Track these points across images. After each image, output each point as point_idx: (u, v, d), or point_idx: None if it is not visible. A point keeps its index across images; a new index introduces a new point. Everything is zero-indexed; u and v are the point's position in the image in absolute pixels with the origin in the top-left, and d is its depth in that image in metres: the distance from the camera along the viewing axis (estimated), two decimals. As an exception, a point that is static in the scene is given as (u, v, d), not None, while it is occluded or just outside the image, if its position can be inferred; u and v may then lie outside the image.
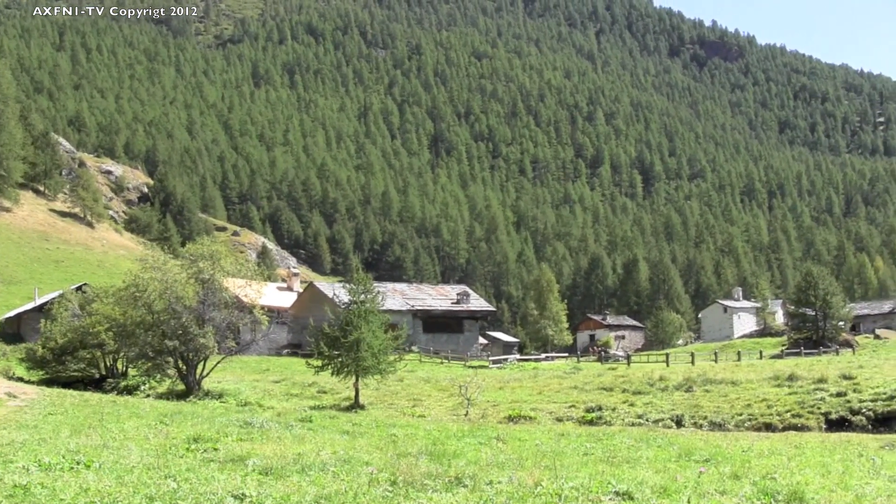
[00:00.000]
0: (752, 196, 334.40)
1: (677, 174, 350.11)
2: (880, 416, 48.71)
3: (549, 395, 58.00)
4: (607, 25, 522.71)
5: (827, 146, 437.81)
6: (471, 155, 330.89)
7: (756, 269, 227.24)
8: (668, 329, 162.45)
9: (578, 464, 20.12)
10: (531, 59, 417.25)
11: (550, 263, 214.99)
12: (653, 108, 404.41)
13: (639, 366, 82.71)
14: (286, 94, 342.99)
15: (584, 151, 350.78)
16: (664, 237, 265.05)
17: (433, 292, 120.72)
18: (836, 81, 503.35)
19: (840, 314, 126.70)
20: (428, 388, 61.15)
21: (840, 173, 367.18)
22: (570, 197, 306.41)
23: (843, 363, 72.21)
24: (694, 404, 52.91)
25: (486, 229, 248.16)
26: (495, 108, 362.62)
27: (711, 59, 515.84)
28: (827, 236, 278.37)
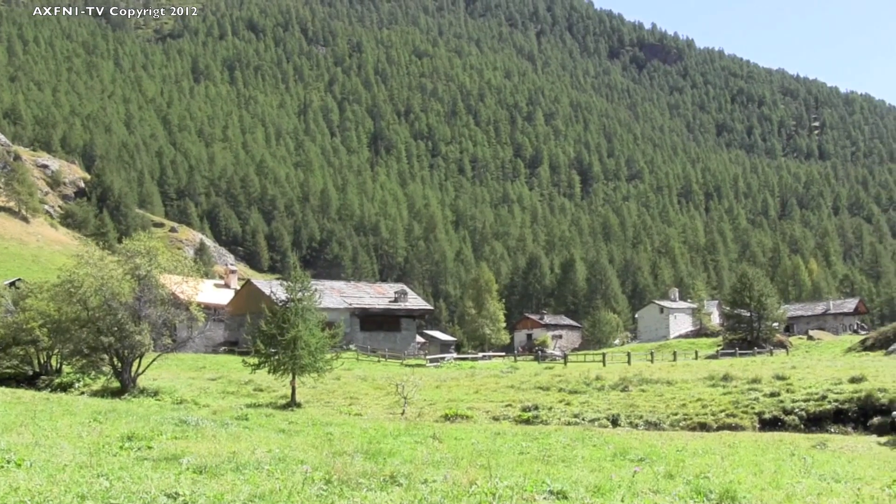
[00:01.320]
0: (690, 198, 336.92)
1: (615, 175, 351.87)
2: (812, 415, 49.25)
3: (486, 394, 58.07)
4: (548, 26, 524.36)
5: (763, 149, 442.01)
6: (410, 153, 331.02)
7: (692, 270, 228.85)
8: (605, 329, 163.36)
9: (514, 463, 20.19)
10: (472, 59, 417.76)
11: (489, 262, 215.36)
12: (592, 109, 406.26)
13: (575, 365, 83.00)
14: (226, 89, 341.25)
15: (523, 151, 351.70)
16: (602, 237, 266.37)
17: (371, 290, 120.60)
18: (772, 86, 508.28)
19: (774, 315, 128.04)
20: (365, 387, 61.04)
21: (776, 176, 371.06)
22: (508, 196, 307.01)
23: (777, 364, 72.83)
24: (630, 404, 53.19)
25: (424, 228, 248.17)
26: (435, 107, 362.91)
27: (651, 62, 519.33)
28: (762, 238, 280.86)
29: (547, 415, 50.53)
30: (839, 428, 47.30)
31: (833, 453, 31.26)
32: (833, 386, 53.15)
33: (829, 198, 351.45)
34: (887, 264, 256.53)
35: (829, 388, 52.82)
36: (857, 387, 52.10)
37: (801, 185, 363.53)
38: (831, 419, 48.85)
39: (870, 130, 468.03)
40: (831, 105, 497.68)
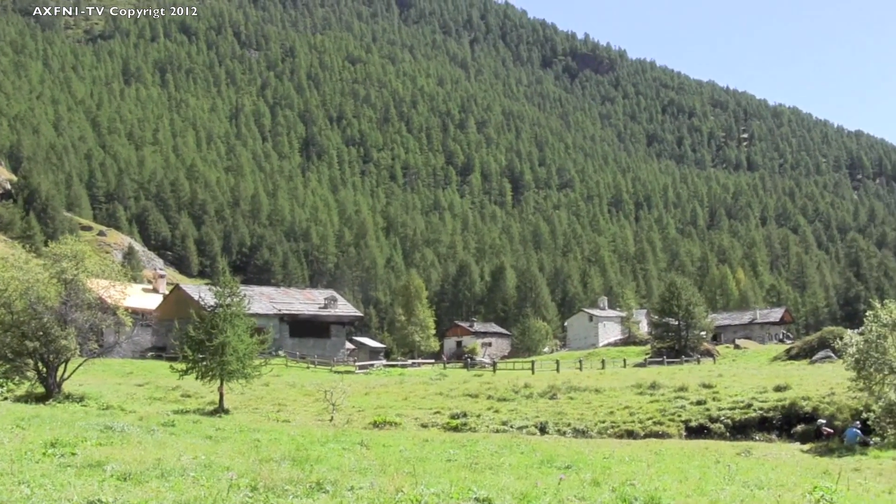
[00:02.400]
0: (620, 207, 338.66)
1: (546, 183, 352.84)
2: (738, 423, 49.87)
3: (415, 401, 58.14)
4: (481, 34, 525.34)
5: (693, 160, 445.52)
6: (342, 159, 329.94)
7: (622, 279, 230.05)
8: (535, 337, 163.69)
9: (441, 470, 20.21)
10: (405, 66, 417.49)
11: (419, 269, 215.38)
12: (524, 118, 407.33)
13: (504, 373, 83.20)
14: (157, 92, 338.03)
15: (454, 159, 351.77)
16: (532, 245, 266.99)
17: (301, 296, 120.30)
18: (703, 97, 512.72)
19: (702, 324, 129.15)
20: (293, 393, 60.88)
21: (705, 187, 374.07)
22: (439, 204, 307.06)
23: (704, 372, 73.52)
24: (558, 411, 53.48)
25: (355, 234, 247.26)
26: (368, 114, 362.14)
27: (583, 72, 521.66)
28: (691, 248, 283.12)
29: (475, 422, 50.70)
30: (764, 435, 47.91)
31: (757, 460, 31.61)
32: (758, 394, 53.82)
33: (756, 208, 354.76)
34: (813, 275, 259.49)
35: (754, 396, 53.49)
36: (781, 395, 52.80)
37: (730, 196, 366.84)
38: (756, 427, 49.47)
39: (797, 143, 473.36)
40: (760, 117, 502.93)
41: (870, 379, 42.31)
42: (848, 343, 43.67)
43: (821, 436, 44.14)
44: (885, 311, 42.22)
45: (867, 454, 36.64)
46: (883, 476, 29.25)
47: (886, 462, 33.81)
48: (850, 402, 47.87)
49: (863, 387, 43.37)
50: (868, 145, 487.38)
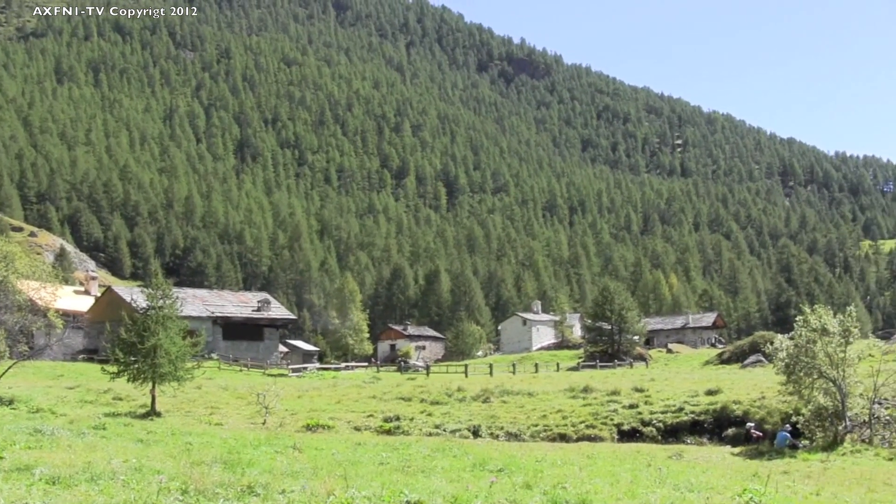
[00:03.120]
0: (554, 211, 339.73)
1: (481, 188, 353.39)
2: (669, 427, 50.22)
3: (348, 405, 58.02)
4: (418, 38, 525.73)
5: (627, 165, 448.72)
6: (276, 162, 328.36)
7: (555, 283, 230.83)
8: (469, 340, 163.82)
9: (373, 473, 20.19)
10: (341, 68, 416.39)
11: (353, 273, 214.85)
12: (459, 122, 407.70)
13: (438, 376, 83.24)
14: (90, 92, 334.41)
15: (389, 162, 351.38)
16: (466, 249, 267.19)
17: (234, 299, 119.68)
18: (637, 103, 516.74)
19: (635, 328, 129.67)
20: (226, 396, 60.52)
21: (639, 192, 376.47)
22: (374, 207, 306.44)
23: (637, 376, 74.05)
24: (491, 415, 53.55)
25: (289, 237, 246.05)
26: (303, 116, 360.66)
27: (519, 76, 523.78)
28: (625, 253, 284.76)
29: (408, 425, 50.65)
30: (695, 439, 48.26)
31: (688, 464, 31.81)
32: (690, 398, 54.23)
33: (690, 214, 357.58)
34: (745, 280, 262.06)
35: (686, 400, 53.89)
36: (713, 399, 53.23)
37: (664, 202, 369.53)
38: (688, 430, 49.84)
39: (730, 149, 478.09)
40: (694, 124, 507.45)
41: (799, 383, 42.73)
42: (778, 348, 44.06)
43: (751, 439, 44.48)
44: (815, 316, 42.66)
45: (796, 457, 37.00)
46: (811, 478, 29.56)
47: (815, 465, 34.17)
48: (780, 406, 48.31)
49: (792, 391, 43.79)
50: (800, 152, 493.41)
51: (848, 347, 41.80)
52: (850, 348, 41.93)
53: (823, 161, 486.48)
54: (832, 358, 41.36)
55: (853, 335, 42.16)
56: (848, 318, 42.21)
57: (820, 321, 42.41)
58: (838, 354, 41.39)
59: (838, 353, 41.41)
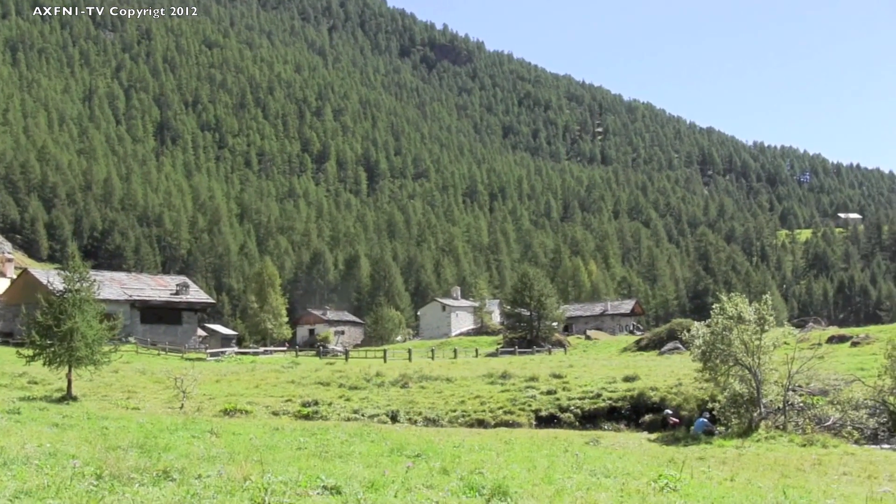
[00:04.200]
0: (474, 197, 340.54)
1: (402, 173, 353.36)
2: (587, 413, 50.57)
3: (267, 389, 57.81)
4: (340, 22, 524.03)
5: (548, 153, 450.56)
6: (197, 144, 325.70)
7: (475, 269, 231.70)
8: (388, 325, 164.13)
9: (290, 458, 20.11)
10: (262, 52, 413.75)
11: (273, 257, 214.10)
12: (381, 107, 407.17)
13: (357, 361, 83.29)
14: (7, 71, 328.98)
15: (310, 146, 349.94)
16: (387, 235, 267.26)
17: (152, 282, 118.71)
18: (559, 91, 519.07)
19: (554, 315, 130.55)
20: (144, 380, 60.05)
21: (559, 179, 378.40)
22: (294, 191, 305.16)
23: (555, 362, 74.42)
24: (409, 400, 53.63)
25: (209, 220, 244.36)
26: (224, 99, 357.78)
27: (441, 62, 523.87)
28: (544, 239, 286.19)
29: (327, 410, 50.59)
30: (613, 425, 48.63)
31: (605, 449, 32.03)
32: (608, 385, 54.64)
33: (609, 202, 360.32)
34: (663, 268, 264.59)
35: (603, 386, 54.29)
36: (630, 385, 53.67)
37: (584, 189, 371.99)
38: (605, 416, 50.23)
39: (650, 138, 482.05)
40: (615, 112, 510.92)
41: (715, 370, 43.20)
42: (695, 335, 44.49)
43: (667, 425, 44.89)
44: (731, 304, 43.11)
45: (712, 443, 37.41)
46: (726, 464, 29.88)
47: (730, 451, 34.57)
48: (696, 393, 48.80)
49: (709, 377, 44.27)
50: (719, 142, 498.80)
51: (763, 335, 42.30)
52: (765, 336, 42.44)
53: (742, 151, 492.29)
54: (748, 345, 41.84)
55: (769, 323, 42.67)
56: (764, 306, 42.70)
57: (736, 309, 42.87)
58: (754, 342, 41.88)
59: (754, 340, 41.90)
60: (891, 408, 44.01)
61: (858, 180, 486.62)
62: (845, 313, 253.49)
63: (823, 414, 42.48)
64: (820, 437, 38.11)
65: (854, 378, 47.91)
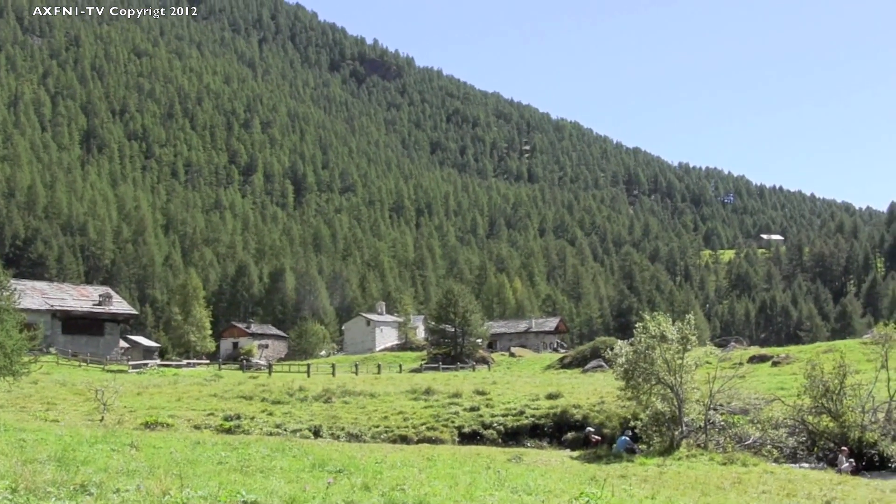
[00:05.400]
0: (401, 213, 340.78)
1: (329, 187, 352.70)
2: (510, 430, 50.79)
3: (189, 403, 57.38)
4: (271, 34, 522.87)
5: (475, 169, 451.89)
6: (123, 154, 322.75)
7: (400, 285, 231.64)
8: (312, 340, 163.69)
9: (211, 473, 19.95)
10: (192, 62, 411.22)
11: (197, 269, 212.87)
12: (309, 120, 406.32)
13: (280, 375, 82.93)
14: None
15: (238, 158, 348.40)
16: (312, 248, 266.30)
17: (74, 293, 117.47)
18: (487, 108, 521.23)
19: (478, 332, 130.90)
20: (64, 392, 59.31)
21: (486, 196, 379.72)
22: (221, 203, 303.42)
23: (479, 379, 74.59)
24: (332, 415, 53.50)
25: (134, 231, 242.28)
26: (152, 108, 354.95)
27: (370, 77, 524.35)
28: (470, 256, 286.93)
29: (249, 424, 50.29)
30: (535, 442, 48.85)
31: (527, 467, 32.05)
32: (531, 402, 54.88)
33: (535, 219, 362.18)
34: (588, 286, 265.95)
35: (527, 403, 54.52)
36: (553, 403, 53.95)
37: (510, 206, 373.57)
38: (528, 433, 50.47)
39: (577, 157, 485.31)
40: (542, 130, 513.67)
41: (638, 388, 43.39)
42: (618, 353, 44.66)
43: (590, 443, 45.08)
44: (654, 323, 43.35)
45: (634, 461, 37.57)
46: (647, 483, 30.03)
47: (651, 469, 34.73)
48: (619, 411, 49.11)
49: (631, 396, 44.46)
50: (645, 162, 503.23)
51: (686, 354, 42.59)
52: (687, 355, 42.73)
53: (667, 171, 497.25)
54: (670, 364, 42.10)
55: (691, 342, 42.98)
56: (686, 325, 43.01)
57: (659, 328, 43.11)
58: (676, 361, 42.14)
59: (676, 359, 42.17)
60: (810, 427, 44.68)
61: (781, 202, 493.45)
62: (767, 333, 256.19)
63: (744, 433, 42.90)
64: (740, 455, 38.42)
65: (774, 397, 48.59)
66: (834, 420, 44.41)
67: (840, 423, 44.09)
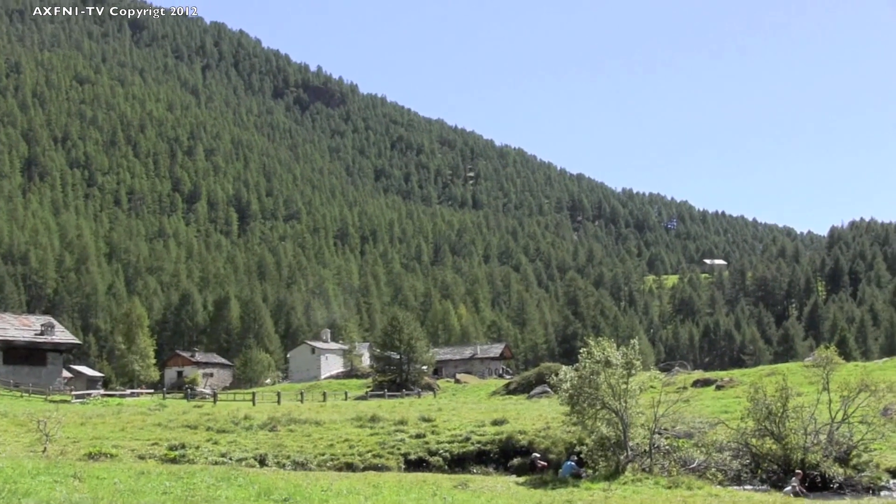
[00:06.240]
0: (346, 240, 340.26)
1: (273, 214, 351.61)
2: (456, 456, 50.81)
3: (133, 432, 56.94)
4: (214, 61, 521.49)
5: (420, 196, 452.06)
6: (65, 182, 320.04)
7: (346, 312, 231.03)
8: (257, 368, 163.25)
9: (156, 503, 19.89)
10: (135, 89, 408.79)
11: (141, 297, 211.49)
12: (253, 148, 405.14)
13: (225, 404, 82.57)
14: None
15: (181, 186, 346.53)
16: (257, 276, 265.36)
17: (16, 322, 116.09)
18: (431, 135, 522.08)
19: (423, 358, 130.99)
20: (4, 423, 58.70)
21: (430, 223, 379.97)
22: (164, 231, 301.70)
23: (424, 406, 74.62)
24: (278, 444, 53.31)
25: (76, 259, 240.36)
26: (94, 136, 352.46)
27: (314, 104, 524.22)
28: (415, 283, 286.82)
29: (194, 454, 50.01)
30: (481, 468, 48.91)
31: (473, 493, 32.13)
32: (477, 428, 54.93)
33: (480, 246, 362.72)
34: (532, 312, 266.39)
35: (472, 430, 54.58)
36: (499, 429, 54.04)
37: (455, 233, 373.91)
38: (474, 460, 50.53)
39: (521, 183, 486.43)
40: (486, 157, 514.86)
41: (583, 413, 43.54)
42: (563, 379, 44.80)
43: (536, 468, 45.16)
44: (599, 348, 43.55)
45: (579, 486, 37.67)
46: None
47: (597, 493, 34.85)
48: (564, 436, 49.29)
49: (576, 421, 44.60)
50: (589, 188, 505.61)
51: (630, 379, 42.81)
52: (632, 380, 42.95)
53: (611, 197, 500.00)
54: (615, 389, 42.29)
55: (636, 367, 43.21)
56: (631, 350, 43.25)
57: (604, 353, 43.31)
58: (621, 386, 42.35)
59: (621, 384, 42.38)
60: (753, 449, 45.08)
61: (724, 227, 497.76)
62: (710, 357, 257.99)
63: (689, 456, 43.15)
64: (685, 479, 38.63)
65: (718, 421, 48.92)
66: (777, 442, 44.82)
67: (783, 445, 44.49)
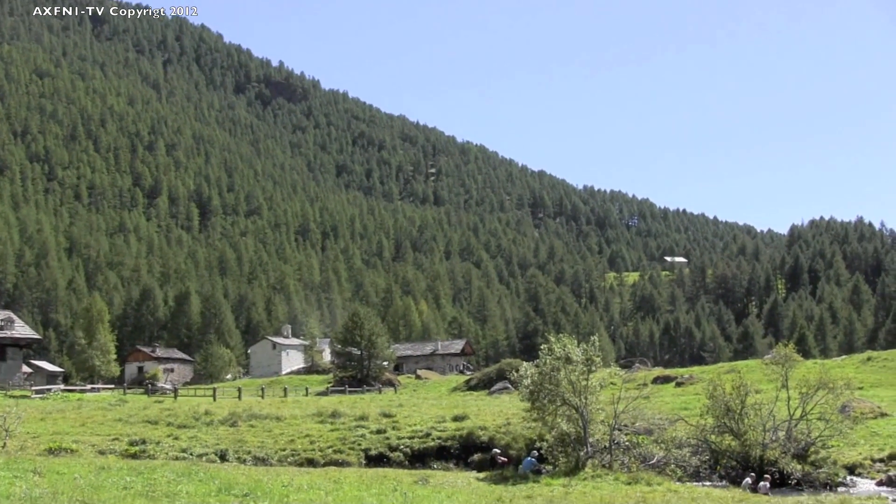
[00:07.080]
0: (307, 236, 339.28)
1: (234, 210, 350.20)
2: (416, 452, 50.98)
3: (93, 428, 56.80)
4: (175, 56, 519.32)
5: (381, 192, 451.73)
6: (25, 176, 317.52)
7: (307, 308, 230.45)
8: (218, 363, 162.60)
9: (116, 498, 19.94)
10: (95, 83, 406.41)
11: (102, 292, 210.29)
12: (214, 143, 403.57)
13: (186, 399, 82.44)
14: None
15: (142, 181, 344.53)
16: (218, 272, 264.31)
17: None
18: (393, 131, 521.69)
19: (384, 354, 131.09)
20: (-37, 418, 58.46)
21: (392, 219, 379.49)
22: (125, 226, 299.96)
23: (385, 402, 74.72)
24: (238, 439, 53.30)
25: (36, 254, 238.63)
26: (54, 130, 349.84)
27: (276, 99, 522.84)
28: (376, 279, 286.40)
29: (155, 449, 49.92)
30: (442, 464, 49.08)
31: (434, 488, 32.28)
32: (437, 424, 55.13)
33: (441, 242, 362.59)
34: (493, 308, 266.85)
35: (433, 425, 54.76)
36: (459, 425, 54.24)
37: (416, 229, 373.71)
38: (435, 455, 50.71)
39: (483, 180, 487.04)
40: (448, 153, 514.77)
41: (543, 410, 43.77)
42: (523, 375, 45.01)
43: (496, 464, 45.30)
44: (559, 344, 43.79)
45: (540, 482, 37.89)
46: (553, 502, 30.37)
47: (557, 489, 35.05)
48: (525, 432, 49.53)
49: (537, 417, 44.83)
50: (550, 185, 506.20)
51: (591, 375, 43.09)
52: (592, 376, 43.23)
53: (572, 194, 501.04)
54: (575, 386, 42.53)
55: (596, 364, 43.49)
56: (591, 347, 43.53)
57: (564, 350, 43.54)
58: (581, 382, 42.60)
59: (581, 381, 42.63)
60: (712, 446, 45.47)
61: (685, 225, 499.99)
62: (671, 354, 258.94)
63: (648, 453, 43.50)
64: (645, 475, 38.94)
65: (678, 417, 49.34)
66: (736, 439, 45.24)
67: (742, 441, 44.90)
